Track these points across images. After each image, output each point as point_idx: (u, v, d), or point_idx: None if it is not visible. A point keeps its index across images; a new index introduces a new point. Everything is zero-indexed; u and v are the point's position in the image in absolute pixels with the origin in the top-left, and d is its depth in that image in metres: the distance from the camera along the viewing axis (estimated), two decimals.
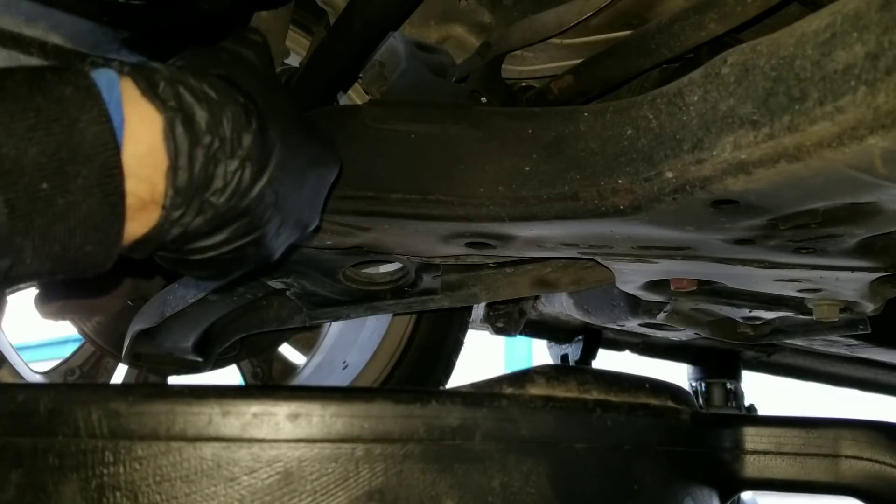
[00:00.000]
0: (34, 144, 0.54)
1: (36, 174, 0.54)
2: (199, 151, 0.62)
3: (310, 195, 0.75)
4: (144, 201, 0.61)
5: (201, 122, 0.62)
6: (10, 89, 0.55)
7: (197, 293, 1.15)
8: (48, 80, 0.57)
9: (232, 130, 0.63)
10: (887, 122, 0.54)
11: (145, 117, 0.60)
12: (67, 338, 2.03)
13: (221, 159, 0.63)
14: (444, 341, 1.73)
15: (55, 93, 0.56)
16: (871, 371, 2.23)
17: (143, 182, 0.60)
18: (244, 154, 0.64)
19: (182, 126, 0.61)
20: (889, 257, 0.86)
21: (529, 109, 0.92)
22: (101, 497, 0.64)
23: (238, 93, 0.65)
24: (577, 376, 0.78)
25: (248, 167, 0.64)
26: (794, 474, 0.91)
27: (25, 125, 0.54)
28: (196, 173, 0.62)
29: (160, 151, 0.60)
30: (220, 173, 0.63)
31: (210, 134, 0.62)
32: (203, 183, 0.63)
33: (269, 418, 0.66)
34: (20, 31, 0.93)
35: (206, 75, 0.65)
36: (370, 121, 0.88)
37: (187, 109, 0.62)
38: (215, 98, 0.63)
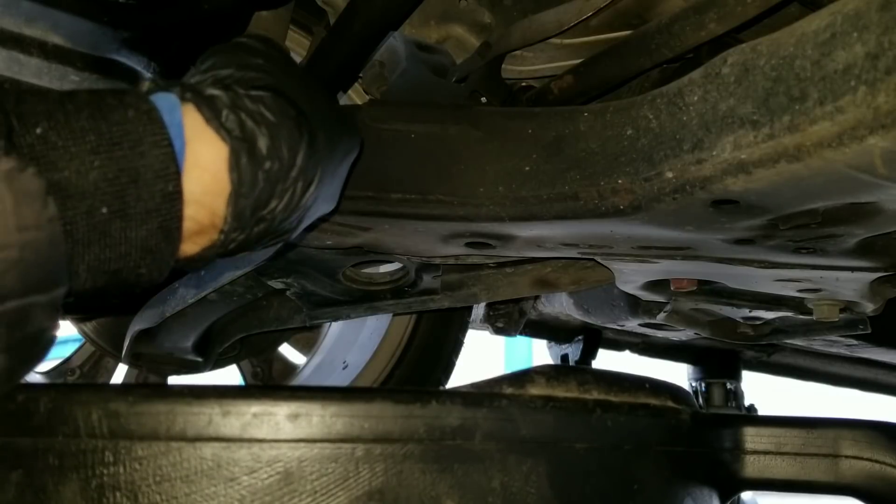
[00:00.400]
0: (95, 168, 0.54)
1: (96, 198, 0.54)
2: (260, 176, 0.62)
3: (338, 184, 0.76)
4: (203, 226, 0.61)
5: (263, 148, 0.63)
6: (72, 113, 0.55)
7: (197, 293, 1.15)
8: (109, 103, 0.57)
9: (289, 150, 0.64)
10: (887, 122, 0.54)
11: (211, 145, 0.61)
12: (67, 338, 2.02)
13: (279, 180, 0.64)
14: (444, 341, 1.73)
15: (117, 116, 0.56)
16: (871, 371, 2.22)
17: (203, 208, 0.61)
18: (298, 170, 0.65)
19: (246, 155, 0.61)
20: (889, 257, 0.86)
21: (529, 109, 0.92)
22: (101, 497, 0.64)
23: (290, 107, 0.66)
24: (577, 376, 0.78)
25: (301, 181, 0.66)
26: (794, 474, 0.91)
27: (87, 148, 0.54)
28: (256, 197, 0.63)
29: (224, 179, 0.61)
30: (277, 192, 0.64)
31: (270, 159, 0.63)
32: (262, 204, 0.63)
33: (269, 418, 0.66)
34: (20, 31, 0.93)
35: (259, 93, 0.65)
36: (370, 121, 0.88)
37: (250, 137, 0.62)
38: (273, 121, 0.64)
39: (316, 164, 0.67)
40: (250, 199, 0.62)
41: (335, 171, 0.73)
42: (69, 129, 0.54)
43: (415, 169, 0.86)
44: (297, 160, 0.65)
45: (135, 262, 0.57)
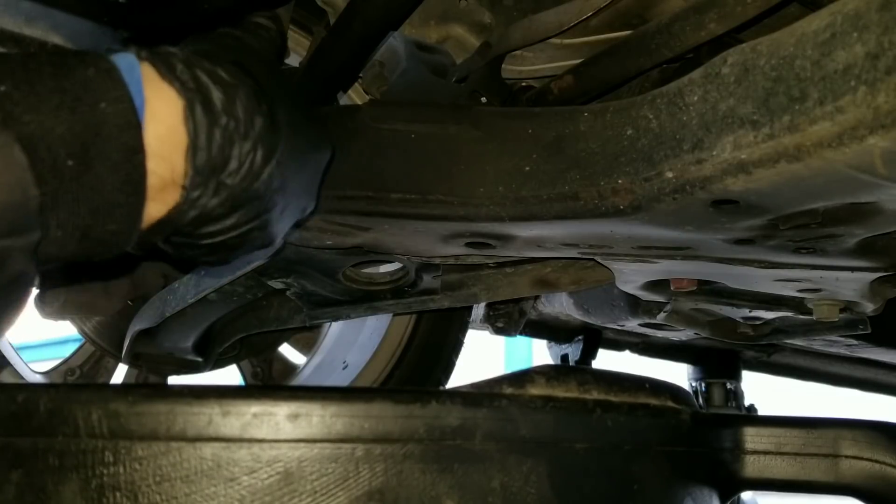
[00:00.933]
0: (60, 123, 0.56)
1: (62, 152, 0.56)
2: (216, 132, 0.64)
3: (309, 179, 0.77)
4: (165, 181, 0.62)
5: (218, 103, 0.64)
6: (34, 71, 0.56)
7: (197, 293, 1.15)
8: (70, 63, 0.58)
9: (245, 112, 0.65)
10: (887, 122, 0.54)
11: (165, 99, 0.62)
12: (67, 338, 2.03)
13: (236, 140, 0.65)
14: (444, 341, 1.73)
15: (78, 75, 0.58)
16: (871, 371, 2.22)
17: (163, 161, 0.62)
18: (256, 135, 0.66)
19: (201, 107, 0.63)
20: (889, 257, 0.86)
21: (529, 109, 0.92)
22: (101, 497, 0.64)
23: (248, 77, 0.67)
24: (577, 376, 0.78)
25: (260, 149, 0.67)
26: (794, 474, 0.91)
27: (51, 105, 0.56)
28: (214, 153, 0.64)
29: (180, 132, 0.62)
30: (235, 154, 0.65)
31: (226, 115, 0.64)
32: (220, 163, 0.65)
33: (269, 418, 0.66)
34: (20, 31, 0.93)
35: (219, 60, 0.67)
36: (370, 121, 0.88)
37: (205, 91, 0.64)
38: (229, 81, 0.65)
39: (276, 138, 0.68)
40: (208, 154, 0.63)
41: (303, 161, 0.74)
42: (31, 86, 0.56)
43: (415, 169, 0.86)
44: (255, 125, 0.66)
45: (104, 217, 0.59)
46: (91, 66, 0.59)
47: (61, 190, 0.56)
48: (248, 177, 0.66)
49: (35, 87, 0.56)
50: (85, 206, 0.57)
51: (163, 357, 1.37)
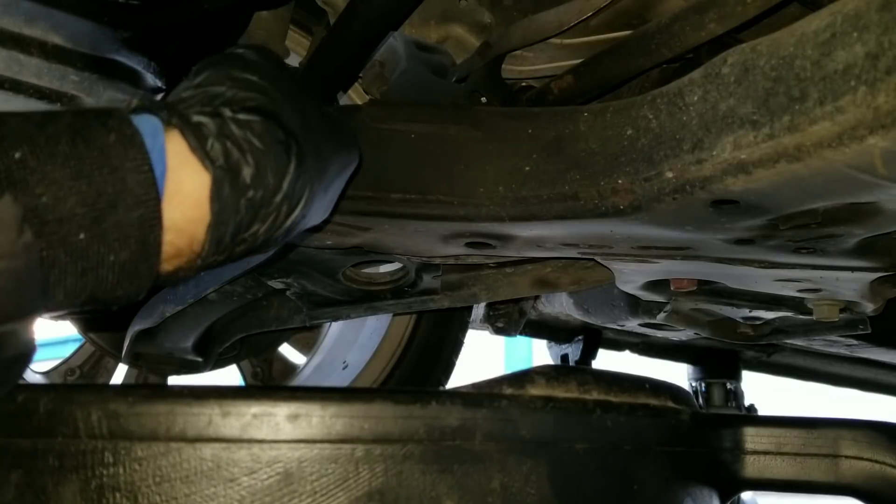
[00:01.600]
0: (74, 194, 0.54)
1: (74, 223, 0.54)
2: (242, 203, 0.62)
3: (331, 197, 0.75)
4: (181, 251, 0.61)
5: (247, 178, 0.62)
6: (52, 136, 0.55)
7: (197, 293, 1.15)
8: (91, 126, 0.57)
9: (275, 177, 0.64)
10: (887, 122, 0.54)
11: (193, 173, 0.60)
12: (67, 338, 2.03)
13: (263, 205, 0.64)
14: (444, 341, 1.73)
15: (98, 141, 0.56)
16: (871, 371, 2.22)
17: (183, 235, 0.61)
18: (283, 194, 0.65)
19: (229, 185, 0.61)
20: (889, 257, 0.85)
21: (529, 109, 0.92)
22: (100, 498, 0.64)
23: (279, 129, 0.65)
24: (577, 376, 0.78)
25: (285, 205, 0.65)
26: (794, 474, 0.91)
27: (67, 173, 0.54)
28: (237, 224, 0.63)
29: (205, 208, 0.61)
30: (260, 217, 0.64)
31: (254, 188, 0.63)
32: (243, 229, 0.64)
33: (269, 419, 0.66)
34: (20, 31, 0.92)
35: (248, 116, 0.64)
36: (370, 121, 0.88)
37: (234, 167, 0.62)
38: (260, 148, 0.63)
39: (304, 186, 0.67)
40: (231, 227, 0.62)
41: (328, 188, 0.73)
42: (49, 153, 0.54)
43: (415, 169, 0.86)
44: (283, 185, 0.65)
45: (112, 285, 0.57)
46: (112, 130, 0.57)
47: (69, 264, 0.54)
48: (271, 230, 0.65)
49: (52, 153, 0.54)
50: (92, 277, 0.56)
51: (163, 357, 1.36)
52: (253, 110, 0.65)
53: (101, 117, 0.58)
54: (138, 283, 0.59)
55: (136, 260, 0.58)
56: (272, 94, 0.67)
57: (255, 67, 0.69)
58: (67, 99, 0.96)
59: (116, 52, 0.99)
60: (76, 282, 0.55)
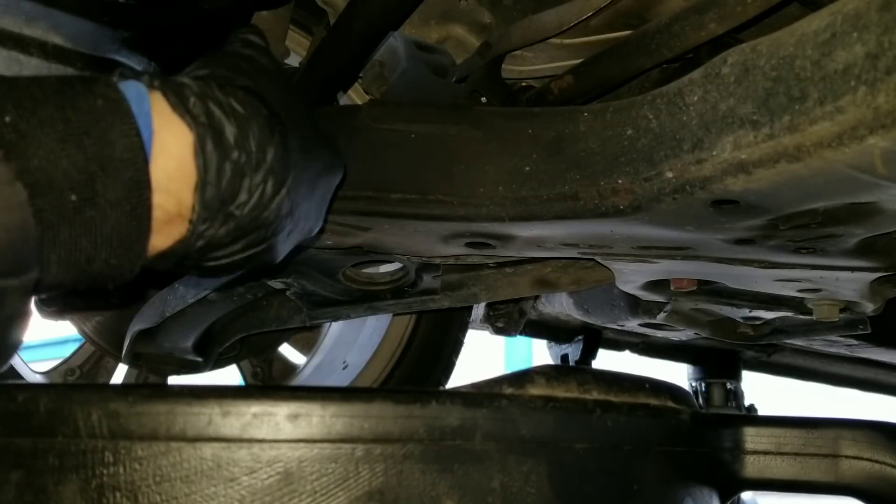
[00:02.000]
0: (64, 156, 0.54)
1: (65, 186, 0.54)
2: (227, 166, 0.62)
3: (318, 201, 0.76)
4: (171, 215, 0.61)
5: (230, 137, 0.63)
6: (40, 100, 0.55)
7: (197, 293, 1.15)
8: (78, 91, 0.57)
9: (258, 145, 0.64)
10: (887, 122, 0.54)
11: (176, 132, 0.61)
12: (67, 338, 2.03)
13: (247, 172, 0.64)
14: (444, 341, 1.73)
15: (85, 105, 0.56)
16: (871, 371, 2.22)
17: (170, 196, 0.61)
18: (268, 167, 0.65)
19: (212, 142, 0.62)
20: (889, 257, 0.85)
21: (529, 109, 0.92)
22: (100, 497, 0.64)
23: (263, 106, 0.66)
24: (577, 376, 0.78)
25: (271, 180, 0.65)
26: (794, 474, 0.91)
27: (56, 137, 0.54)
28: (223, 187, 0.63)
29: (190, 166, 0.61)
30: (245, 186, 0.64)
31: (238, 149, 0.63)
32: (229, 196, 0.63)
33: (269, 418, 0.66)
34: (20, 31, 0.92)
35: (233, 88, 0.65)
36: (370, 121, 0.88)
37: (217, 125, 0.62)
38: (243, 113, 0.64)
39: (287, 168, 0.67)
40: (217, 189, 0.62)
41: (313, 185, 0.73)
42: (38, 117, 0.54)
43: (415, 169, 0.86)
44: (267, 156, 0.65)
45: (106, 252, 0.57)
46: (99, 96, 0.57)
47: (62, 226, 0.55)
48: (258, 207, 0.65)
49: (40, 118, 0.54)
50: (86, 241, 0.56)
51: (163, 357, 1.36)
52: (239, 87, 0.66)
53: (87, 83, 0.58)
54: (132, 250, 0.59)
55: (128, 223, 0.58)
56: (257, 79, 0.68)
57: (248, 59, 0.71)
58: None
59: (116, 52, 0.99)
60: (70, 245, 0.55)
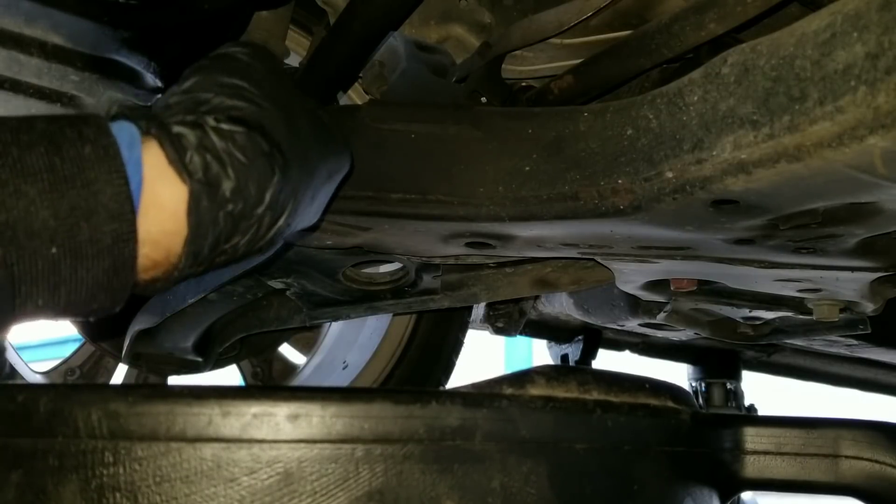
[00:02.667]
0: (45, 207, 0.53)
1: (45, 238, 0.53)
2: (221, 216, 0.61)
3: (320, 202, 0.75)
4: (158, 263, 0.61)
5: (227, 191, 0.61)
6: (26, 147, 0.54)
7: (197, 293, 1.15)
8: (66, 136, 0.56)
9: (257, 189, 0.63)
10: (887, 122, 0.54)
11: (170, 186, 0.59)
12: (67, 338, 2.03)
13: (244, 217, 0.63)
14: (444, 341, 1.73)
15: (73, 152, 0.55)
16: (871, 371, 2.22)
17: (159, 248, 0.60)
18: (266, 205, 0.64)
19: (206, 199, 0.60)
20: (889, 257, 0.85)
21: (529, 109, 0.92)
22: (100, 498, 0.64)
23: (264, 141, 0.64)
24: (577, 376, 0.77)
25: (268, 216, 0.65)
26: (794, 474, 0.91)
27: (39, 188, 0.53)
28: (216, 237, 0.62)
29: (182, 222, 0.60)
30: (240, 229, 0.63)
31: (234, 201, 0.62)
32: (223, 240, 0.63)
33: (269, 419, 0.66)
34: (20, 31, 0.92)
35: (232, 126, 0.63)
36: (370, 121, 0.88)
37: (214, 180, 0.61)
38: (242, 160, 0.62)
39: (288, 197, 0.66)
40: (209, 240, 0.61)
41: (315, 194, 0.72)
42: (22, 165, 0.53)
43: (415, 169, 0.86)
44: (266, 197, 0.64)
45: (86, 299, 0.57)
46: (88, 141, 0.56)
47: (40, 278, 0.54)
48: (253, 242, 0.65)
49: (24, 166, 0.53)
50: (66, 289, 0.55)
51: (163, 357, 1.36)
52: (237, 120, 0.63)
53: (76, 126, 0.56)
54: (113, 296, 0.58)
55: (109, 274, 0.57)
56: (259, 102, 0.66)
57: (246, 71, 0.68)
58: (67, 99, 0.96)
59: (116, 52, 0.99)
60: (49, 294, 0.55)
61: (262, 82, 0.68)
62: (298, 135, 0.68)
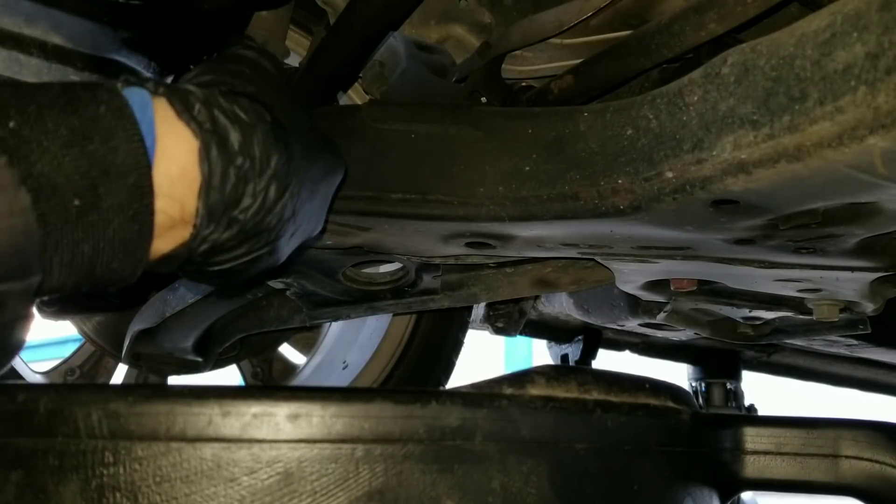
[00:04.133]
0: (67, 162, 0.55)
1: (68, 191, 0.55)
2: (231, 171, 0.63)
3: (320, 203, 0.77)
4: (174, 220, 0.62)
5: (235, 143, 0.63)
6: (45, 106, 0.55)
7: (197, 293, 1.15)
8: (82, 98, 0.57)
9: (262, 151, 0.65)
10: (887, 122, 0.54)
11: (181, 138, 0.61)
12: (67, 338, 2.03)
13: (251, 178, 0.65)
14: (444, 341, 1.73)
15: (89, 111, 0.57)
16: (871, 371, 2.22)
17: (174, 202, 0.61)
18: (272, 173, 0.66)
19: (217, 147, 0.62)
20: (889, 257, 0.86)
21: (529, 109, 0.92)
22: (101, 497, 0.64)
23: (266, 113, 0.67)
24: (577, 376, 0.77)
25: (274, 185, 0.66)
26: (794, 474, 0.91)
27: (60, 143, 0.55)
28: (227, 192, 0.63)
29: (194, 172, 0.62)
30: (249, 192, 0.65)
31: (242, 155, 0.64)
32: (233, 201, 0.64)
33: (269, 419, 0.66)
34: (20, 31, 0.92)
35: (236, 96, 0.66)
36: (370, 121, 0.88)
37: (222, 131, 0.63)
38: (247, 120, 0.65)
39: (291, 173, 0.68)
40: (221, 194, 0.63)
41: (315, 188, 0.74)
42: (41, 123, 0.55)
43: (415, 169, 0.86)
44: (271, 162, 0.66)
45: (108, 256, 0.58)
46: (102, 102, 0.58)
47: (65, 230, 0.55)
48: (261, 211, 0.66)
49: (45, 124, 0.55)
50: (89, 246, 0.56)
51: (163, 357, 1.37)
52: (242, 94, 0.66)
53: (90, 90, 0.58)
54: (134, 254, 0.59)
55: (130, 228, 0.58)
56: (260, 85, 0.69)
57: (253, 63, 0.71)
58: None
59: (116, 52, 0.99)
60: (73, 249, 0.56)
61: (267, 73, 0.72)
62: (298, 122, 0.71)
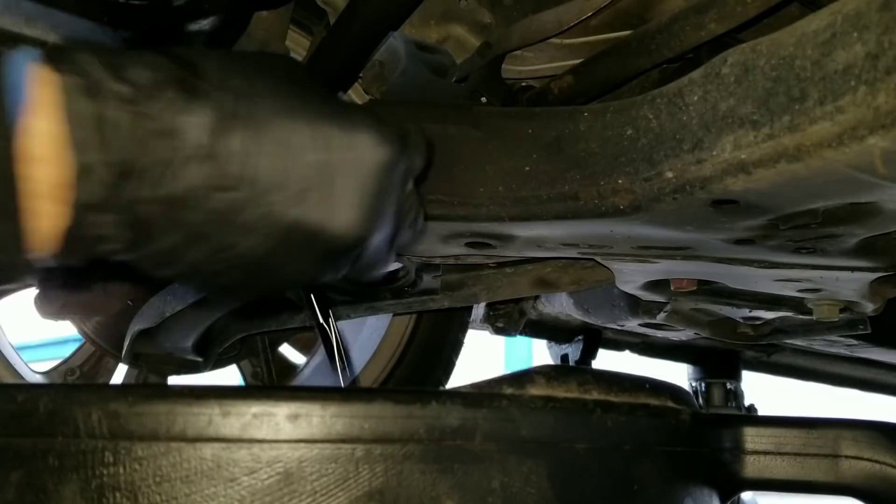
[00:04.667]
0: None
1: None
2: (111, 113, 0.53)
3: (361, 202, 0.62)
4: (51, 186, 0.53)
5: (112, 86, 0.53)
6: None
7: (197, 294, 1.15)
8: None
9: (166, 107, 0.54)
10: (887, 122, 0.54)
11: (49, 90, 0.53)
12: (67, 338, 2.03)
13: (159, 134, 0.54)
14: (444, 341, 1.73)
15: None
16: (871, 371, 2.22)
17: (47, 164, 0.52)
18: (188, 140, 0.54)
19: (84, 91, 0.53)
20: (889, 257, 0.85)
21: (529, 109, 0.92)
22: (101, 497, 0.64)
23: (179, 69, 0.56)
24: (577, 376, 0.77)
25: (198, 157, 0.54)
26: (794, 474, 0.91)
27: None
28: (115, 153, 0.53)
29: (58, 119, 0.52)
30: (161, 147, 0.54)
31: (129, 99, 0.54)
32: (130, 156, 0.53)
33: (269, 419, 0.66)
34: (20, 31, 0.92)
35: (151, 53, 0.56)
36: None
37: (94, 75, 0.54)
38: (148, 75, 0.55)
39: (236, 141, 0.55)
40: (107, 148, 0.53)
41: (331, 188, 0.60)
42: None
43: None
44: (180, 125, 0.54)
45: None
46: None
47: None
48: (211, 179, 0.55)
49: None
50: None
51: (163, 357, 1.37)
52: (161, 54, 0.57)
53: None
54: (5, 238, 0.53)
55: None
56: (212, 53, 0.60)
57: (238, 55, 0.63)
58: None
59: None
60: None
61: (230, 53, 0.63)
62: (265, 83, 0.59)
